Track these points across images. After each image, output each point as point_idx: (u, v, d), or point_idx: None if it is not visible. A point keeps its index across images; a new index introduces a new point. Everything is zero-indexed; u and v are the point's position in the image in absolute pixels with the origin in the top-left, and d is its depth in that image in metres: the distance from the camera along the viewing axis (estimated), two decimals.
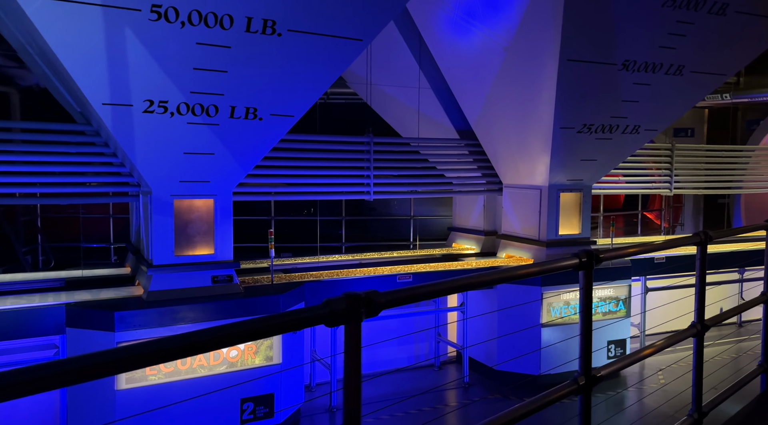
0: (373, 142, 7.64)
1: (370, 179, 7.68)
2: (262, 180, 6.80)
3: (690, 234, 3.03)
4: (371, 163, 7.67)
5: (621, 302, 7.89)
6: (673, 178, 10.23)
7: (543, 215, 7.88)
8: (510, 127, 7.64)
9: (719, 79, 7.07)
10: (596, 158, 7.62)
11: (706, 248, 3.03)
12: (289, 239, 14.41)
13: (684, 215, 19.45)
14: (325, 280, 6.45)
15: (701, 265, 3.02)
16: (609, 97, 6.71)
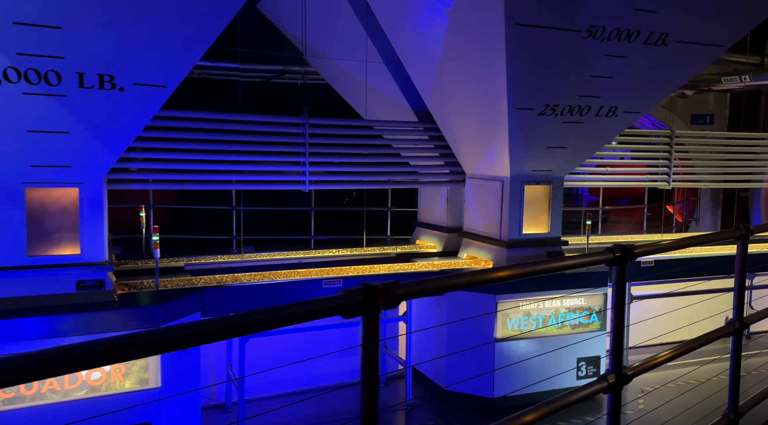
0: (308, 124, 6.81)
1: (305, 167, 6.87)
2: (164, 166, 6.05)
3: None
4: (306, 148, 6.86)
5: (594, 313, 6.98)
6: (671, 169, 9.21)
7: (504, 211, 6.98)
8: (465, 107, 6.74)
9: (714, 51, 6.05)
10: (566, 145, 6.67)
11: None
12: (262, 231, 13.69)
13: (699, 209, 18.24)
14: (230, 286, 5.69)
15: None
16: (574, 72, 5.76)
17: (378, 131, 7.37)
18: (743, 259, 3.11)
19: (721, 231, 3.42)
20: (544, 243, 7.12)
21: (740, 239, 3.03)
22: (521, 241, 6.98)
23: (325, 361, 7.10)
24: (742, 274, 3.16)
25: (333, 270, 6.58)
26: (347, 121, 6.99)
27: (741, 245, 3.07)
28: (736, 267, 3.12)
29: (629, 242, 2.15)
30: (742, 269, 3.12)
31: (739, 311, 3.19)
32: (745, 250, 3.10)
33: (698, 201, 18.11)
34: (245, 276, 6.11)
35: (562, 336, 6.78)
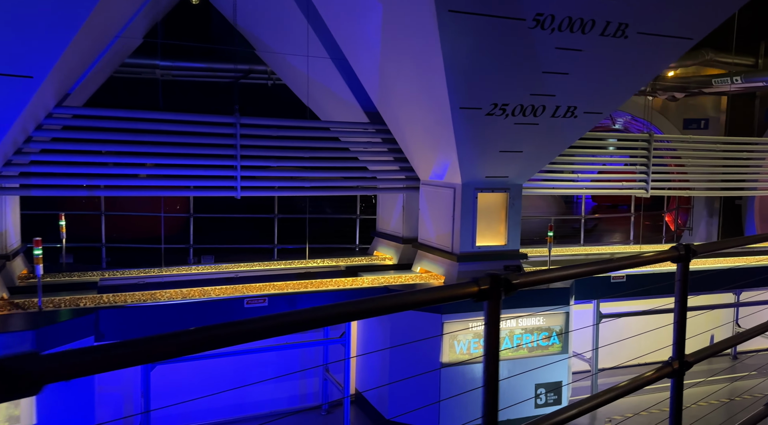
0: (240, 123, 6.30)
1: (237, 172, 6.34)
2: (70, 170, 5.53)
3: None
4: (238, 151, 6.33)
5: (555, 334, 6.41)
6: (650, 176, 8.66)
7: (456, 221, 6.44)
8: (410, 106, 6.21)
9: (682, 45, 5.52)
10: (521, 149, 6.14)
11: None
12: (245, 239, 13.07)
13: (693, 218, 17.69)
14: (132, 306, 5.14)
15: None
16: (523, 67, 5.23)
17: (322, 132, 6.85)
18: (683, 284, 2.67)
19: (658, 252, 2.87)
20: (501, 256, 6.57)
21: (679, 261, 2.61)
22: (474, 254, 6.43)
23: (260, 387, 6.54)
24: (682, 302, 2.69)
25: (265, 286, 6.03)
26: (284, 121, 6.47)
27: (681, 267, 2.65)
28: (676, 294, 2.69)
29: (501, 273, 1.75)
30: (683, 295, 2.68)
31: (679, 349, 2.69)
32: (685, 274, 2.66)
33: (692, 210, 17.57)
34: (162, 294, 5.57)
35: (518, 359, 6.22)
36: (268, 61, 9.18)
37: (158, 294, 5.53)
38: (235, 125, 6.24)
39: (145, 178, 5.93)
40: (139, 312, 5.21)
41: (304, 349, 6.77)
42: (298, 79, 8.58)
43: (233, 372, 6.37)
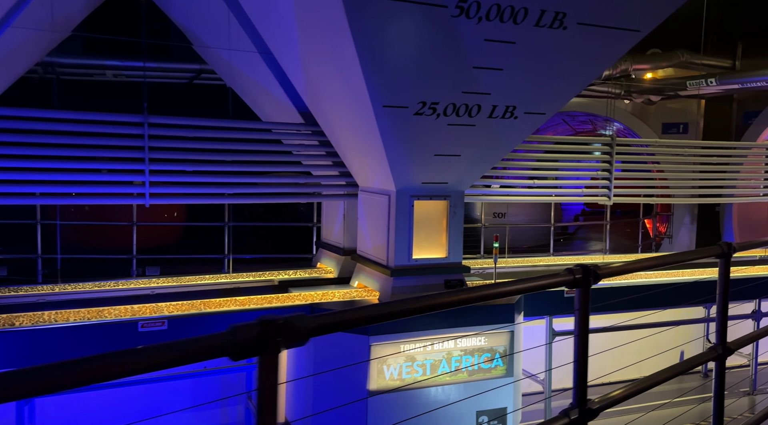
0: (148, 123, 5.78)
1: (145, 177, 5.81)
2: None
3: None
4: (147, 154, 5.81)
5: (498, 356, 5.94)
6: (612, 182, 8.26)
7: (391, 231, 5.96)
8: (336, 104, 5.73)
9: (629, 38, 5.09)
10: (458, 153, 5.69)
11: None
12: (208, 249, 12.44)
13: (672, 226, 17.39)
14: (6, 330, 4.58)
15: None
16: (450, 61, 4.78)
17: (244, 133, 6.34)
18: (584, 308, 2.44)
19: (549, 275, 2.61)
20: (441, 270, 6.10)
21: (576, 286, 2.40)
22: (411, 268, 5.95)
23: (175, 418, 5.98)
24: (583, 327, 2.46)
25: (174, 306, 5.49)
26: (198, 120, 5.96)
27: (580, 293, 2.44)
28: (575, 323, 2.47)
29: None
30: (583, 317, 2.46)
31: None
32: (585, 300, 2.44)
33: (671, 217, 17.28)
34: (49, 316, 5.02)
35: (457, 384, 5.73)
36: (205, 57, 8.68)
37: (46, 316, 4.98)
38: (143, 125, 5.73)
39: (34, 184, 5.39)
40: (17, 337, 4.66)
41: (226, 375, 6.24)
42: (236, 78, 8.09)
43: (145, 401, 5.83)
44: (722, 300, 3.31)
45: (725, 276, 3.30)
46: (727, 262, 3.29)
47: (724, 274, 3.30)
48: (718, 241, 9.39)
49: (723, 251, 3.23)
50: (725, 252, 3.23)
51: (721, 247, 3.23)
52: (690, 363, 3.32)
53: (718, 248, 3.24)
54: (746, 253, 10.10)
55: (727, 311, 3.36)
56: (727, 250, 3.23)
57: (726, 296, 3.31)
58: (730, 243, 3.27)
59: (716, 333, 3.39)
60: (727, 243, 3.25)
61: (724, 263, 3.29)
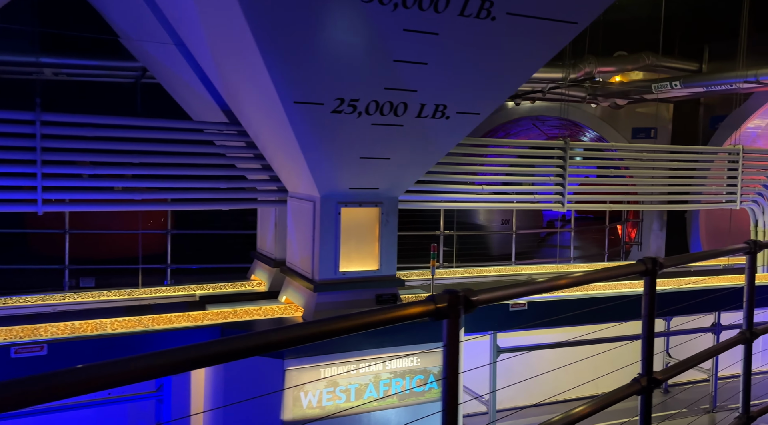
0: (41, 121, 5.24)
1: (37, 181, 5.27)
2: None
3: None
4: (39, 155, 5.26)
5: (432, 377, 5.52)
6: (566, 188, 7.95)
7: (316, 241, 5.52)
8: (250, 100, 5.28)
9: (567, 31, 4.75)
10: (387, 156, 5.28)
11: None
12: None
13: (641, 233, 17.29)
14: None
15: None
16: (367, 53, 4.37)
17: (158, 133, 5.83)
18: (453, 345, 2.08)
19: (410, 304, 2.28)
20: (372, 283, 5.67)
21: (438, 317, 2.01)
22: (338, 282, 5.50)
23: None
24: (452, 366, 2.11)
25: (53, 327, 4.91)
26: (101, 118, 5.43)
27: (448, 325, 2.04)
28: (445, 360, 2.11)
29: None
30: (452, 355, 2.10)
31: None
32: (453, 333, 2.07)
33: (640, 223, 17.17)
34: None
35: (386, 410, 5.30)
36: (132, 52, 8.16)
37: None
38: (35, 123, 5.19)
39: None
40: None
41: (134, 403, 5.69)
42: (163, 74, 7.59)
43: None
44: (647, 325, 2.94)
45: (650, 296, 2.93)
46: (652, 280, 2.92)
47: (649, 294, 2.93)
48: (685, 251, 9.04)
49: (647, 268, 2.85)
50: (649, 269, 2.86)
51: (645, 263, 2.86)
52: (612, 397, 2.93)
53: (642, 264, 2.87)
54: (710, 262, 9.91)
55: (653, 337, 2.99)
56: (652, 266, 2.86)
57: (651, 319, 2.94)
58: (656, 258, 2.90)
59: (641, 362, 3.02)
60: (651, 259, 2.89)
61: (650, 281, 2.93)
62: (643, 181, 9.10)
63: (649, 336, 2.95)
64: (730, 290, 8.40)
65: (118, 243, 12.87)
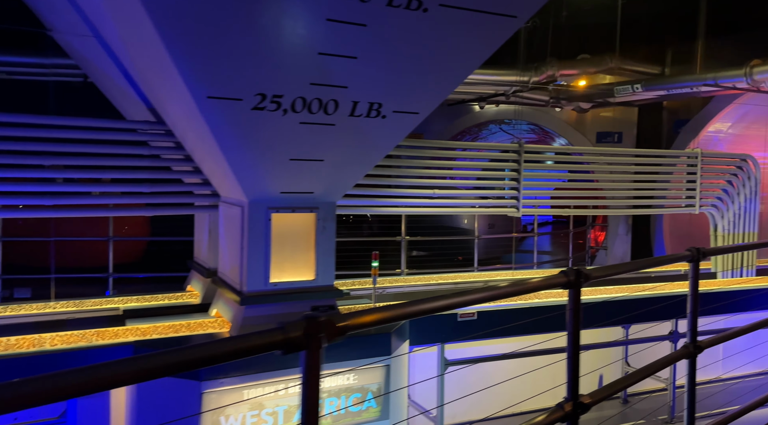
0: None
1: None
2: None
3: None
4: None
5: (371, 395, 5.21)
6: (521, 192, 7.75)
7: (244, 250, 5.16)
8: (165, 94, 4.91)
9: (506, 25, 4.52)
10: (321, 158, 4.96)
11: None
12: None
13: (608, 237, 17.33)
14: None
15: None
16: (286, 44, 4.06)
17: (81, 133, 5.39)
18: (310, 378, 1.81)
19: (262, 332, 2.00)
20: (308, 295, 5.33)
21: (299, 349, 1.74)
22: (268, 293, 5.14)
23: None
24: (310, 405, 1.87)
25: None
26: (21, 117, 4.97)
27: (306, 358, 1.77)
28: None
29: None
30: (312, 387, 1.85)
31: None
32: (312, 362, 1.80)
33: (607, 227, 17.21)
34: None
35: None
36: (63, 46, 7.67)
37: None
38: None
39: None
40: None
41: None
42: (90, 69, 7.14)
43: None
44: (572, 343, 2.67)
45: (574, 311, 2.66)
46: (576, 293, 2.66)
47: (573, 309, 2.66)
48: (649, 255, 8.78)
49: (569, 280, 2.59)
50: (572, 281, 2.59)
51: (567, 275, 2.60)
52: None
53: (563, 276, 2.60)
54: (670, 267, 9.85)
55: (578, 357, 2.72)
56: (575, 278, 2.60)
57: (576, 336, 2.67)
58: (580, 270, 2.64)
59: (567, 385, 2.75)
60: (575, 270, 2.62)
61: (574, 295, 2.66)
62: (606, 185, 8.99)
63: (574, 354, 2.69)
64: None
65: (84, 252, 12.25)
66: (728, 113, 13.06)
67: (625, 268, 2.95)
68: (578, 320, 2.68)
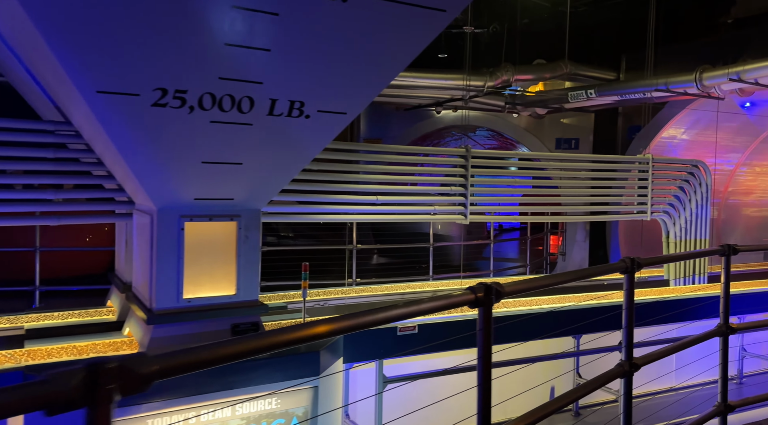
0: None
1: None
2: None
3: None
4: None
5: (296, 420, 4.81)
6: (468, 199, 7.50)
7: (154, 263, 4.71)
8: (57, 89, 4.47)
9: (436, 19, 4.23)
10: (239, 160, 4.57)
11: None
12: None
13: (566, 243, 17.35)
14: None
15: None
16: (184, 32, 3.67)
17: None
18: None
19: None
20: (228, 311, 4.90)
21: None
22: (180, 311, 4.70)
23: None
24: None
25: None
26: None
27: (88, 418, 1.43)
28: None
29: None
30: None
31: None
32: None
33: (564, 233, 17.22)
34: None
35: None
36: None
37: None
38: None
39: None
40: None
41: None
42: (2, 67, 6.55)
43: None
44: (482, 365, 2.35)
45: (485, 331, 2.35)
46: (486, 312, 2.35)
47: (483, 328, 2.35)
48: (605, 261, 8.52)
49: (476, 297, 2.28)
50: (480, 299, 2.29)
51: (475, 291, 2.29)
52: None
53: (470, 293, 2.29)
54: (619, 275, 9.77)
55: (490, 381, 2.41)
56: (484, 296, 2.29)
57: (487, 359, 2.36)
58: (490, 286, 2.33)
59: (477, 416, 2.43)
60: (484, 286, 2.32)
61: (483, 313, 2.35)
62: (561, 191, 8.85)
63: (485, 379, 2.37)
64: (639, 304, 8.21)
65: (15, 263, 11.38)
66: (681, 118, 13.21)
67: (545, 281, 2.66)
68: (489, 341, 2.38)
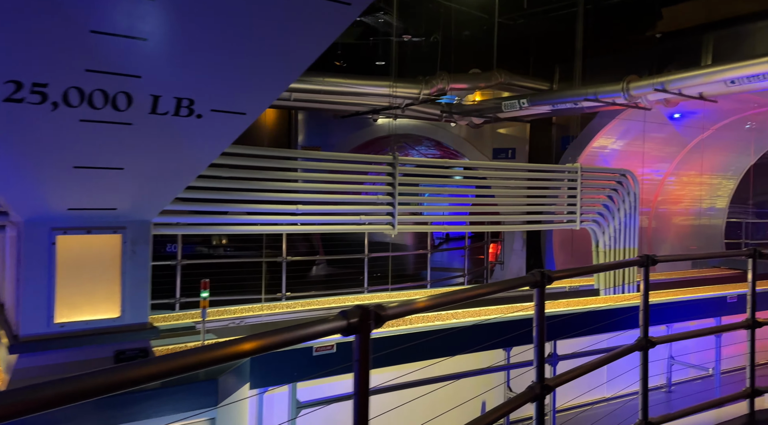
0: None
1: None
2: None
3: None
4: None
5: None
6: (396, 208, 7.21)
7: (21, 283, 4.12)
8: None
9: (340, 13, 3.92)
10: (120, 165, 4.08)
11: None
12: None
13: (504, 252, 17.46)
14: None
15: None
16: (36, 15, 3.19)
17: None
18: None
19: None
20: (110, 336, 4.35)
21: None
22: (51, 337, 4.11)
23: None
24: None
25: None
26: None
27: None
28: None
29: None
30: None
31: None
32: None
33: (502, 242, 17.31)
34: None
35: None
36: None
37: None
38: None
39: None
40: None
41: None
42: None
43: None
44: (359, 403, 2.00)
45: (361, 363, 1.99)
46: (364, 338, 2.00)
47: (360, 360, 2.00)
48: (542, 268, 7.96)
49: (348, 323, 1.93)
50: (353, 325, 1.94)
51: (348, 317, 1.94)
52: None
53: (342, 319, 1.94)
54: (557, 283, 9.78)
55: (367, 419, 2.06)
56: (359, 321, 1.95)
57: (364, 398, 2.01)
58: (367, 309, 1.99)
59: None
60: (360, 309, 1.97)
61: (360, 341, 2.00)
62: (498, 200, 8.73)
63: (361, 416, 2.01)
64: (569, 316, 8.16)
65: None
66: (611, 129, 13.52)
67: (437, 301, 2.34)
68: (366, 373, 2.03)
